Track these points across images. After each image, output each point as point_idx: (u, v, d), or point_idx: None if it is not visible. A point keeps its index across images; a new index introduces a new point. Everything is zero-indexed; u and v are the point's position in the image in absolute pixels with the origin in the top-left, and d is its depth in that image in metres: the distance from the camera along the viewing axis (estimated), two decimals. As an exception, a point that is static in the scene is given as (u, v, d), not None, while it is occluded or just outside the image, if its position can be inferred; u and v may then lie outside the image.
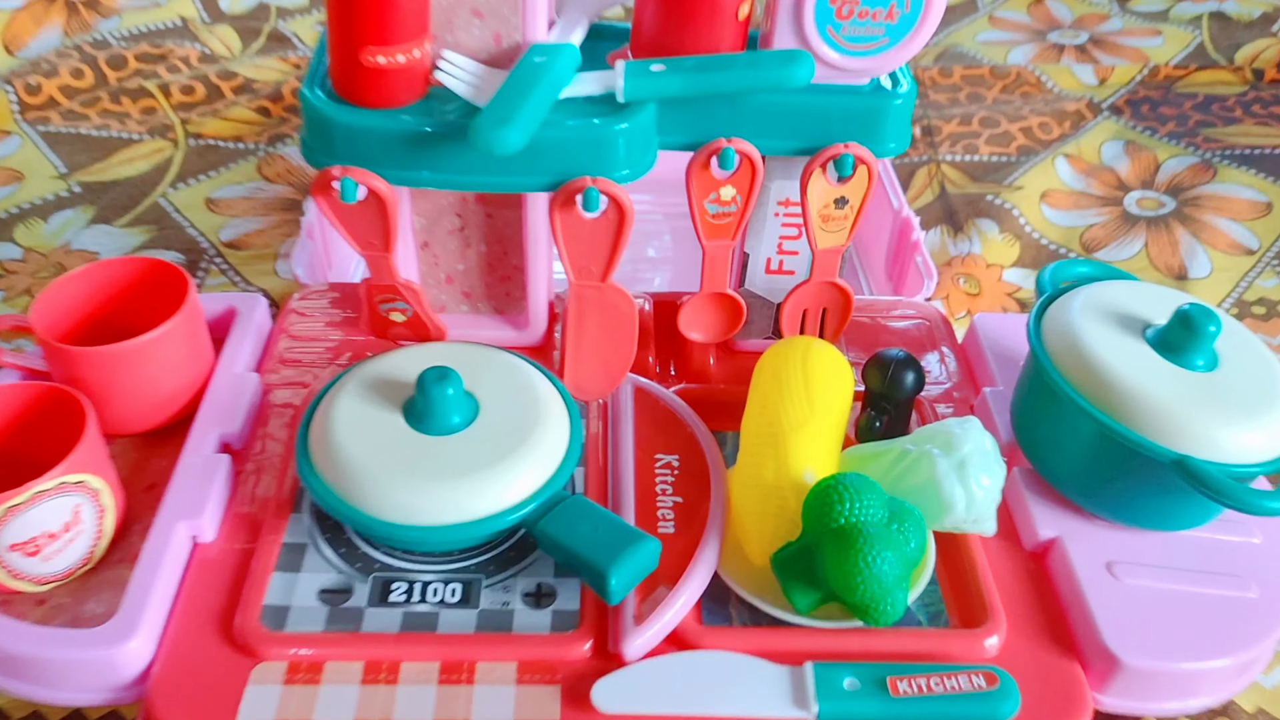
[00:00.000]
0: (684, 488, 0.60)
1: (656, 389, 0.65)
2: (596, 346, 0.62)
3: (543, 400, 0.59)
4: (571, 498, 0.56)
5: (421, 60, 0.54)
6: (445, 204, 0.65)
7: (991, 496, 0.56)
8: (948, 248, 0.96)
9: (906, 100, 0.59)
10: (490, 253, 0.68)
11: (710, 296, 0.65)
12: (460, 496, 0.54)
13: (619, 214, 0.56)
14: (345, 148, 0.55)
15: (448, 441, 0.56)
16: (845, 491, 0.53)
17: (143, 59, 1.16)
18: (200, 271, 0.91)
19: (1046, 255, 0.96)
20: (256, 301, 0.70)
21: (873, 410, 0.63)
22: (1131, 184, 1.04)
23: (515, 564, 0.57)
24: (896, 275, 0.88)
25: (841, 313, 0.66)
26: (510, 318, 0.70)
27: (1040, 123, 1.12)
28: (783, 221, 0.65)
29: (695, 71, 0.55)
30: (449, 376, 0.57)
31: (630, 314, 0.61)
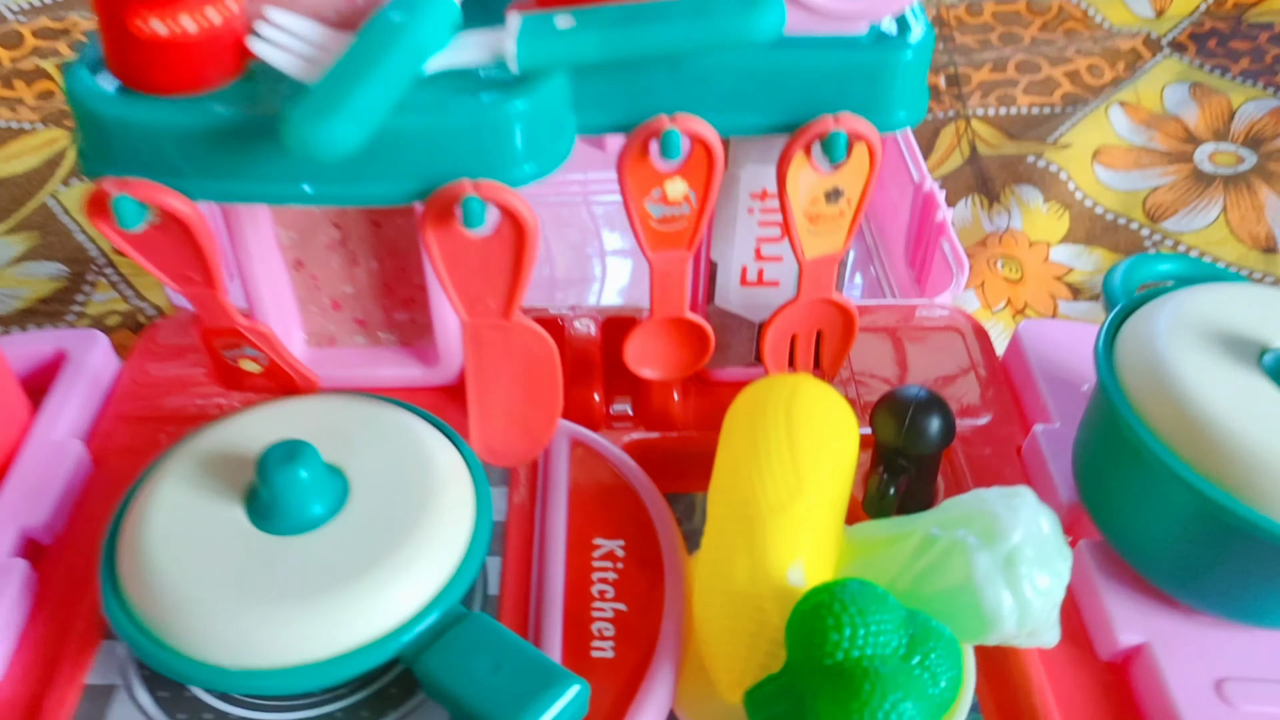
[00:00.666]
0: (630, 589, 0.44)
1: (599, 443, 0.50)
2: (510, 398, 0.46)
3: (437, 474, 0.44)
4: (469, 618, 0.41)
5: (228, 24, 0.39)
6: (318, 213, 0.50)
7: (1053, 601, 0.40)
8: (981, 223, 0.80)
9: (920, 52, 0.42)
10: (384, 270, 0.52)
11: (664, 323, 0.49)
12: (313, 623, 0.39)
13: (516, 229, 0.40)
14: (127, 151, 0.39)
15: (302, 543, 0.41)
16: (845, 613, 0.37)
17: (41, 35, 1.01)
18: (86, 285, 0.76)
19: (1102, 227, 0.79)
20: (93, 340, 0.55)
21: (886, 470, 0.47)
22: (1202, 135, 0.87)
23: (397, 706, 0.41)
24: (919, 264, 0.72)
25: (841, 337, 0.50)
26: (418, 351, 0.55)
27: (1089, 65, 0.94)
28: (759, 219, 0.48)
29: (618, 26, 0.39)
30: (299, 454, 0.42)
31: (548, 359, 0.45)
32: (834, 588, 0.38)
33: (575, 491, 0.48)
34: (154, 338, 0.57)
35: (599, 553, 0.45)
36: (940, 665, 0.38)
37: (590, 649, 0.42)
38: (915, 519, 0.44)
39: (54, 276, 0.77)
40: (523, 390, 0.46)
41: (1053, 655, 0.44)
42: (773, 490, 0.42)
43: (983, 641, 0.41)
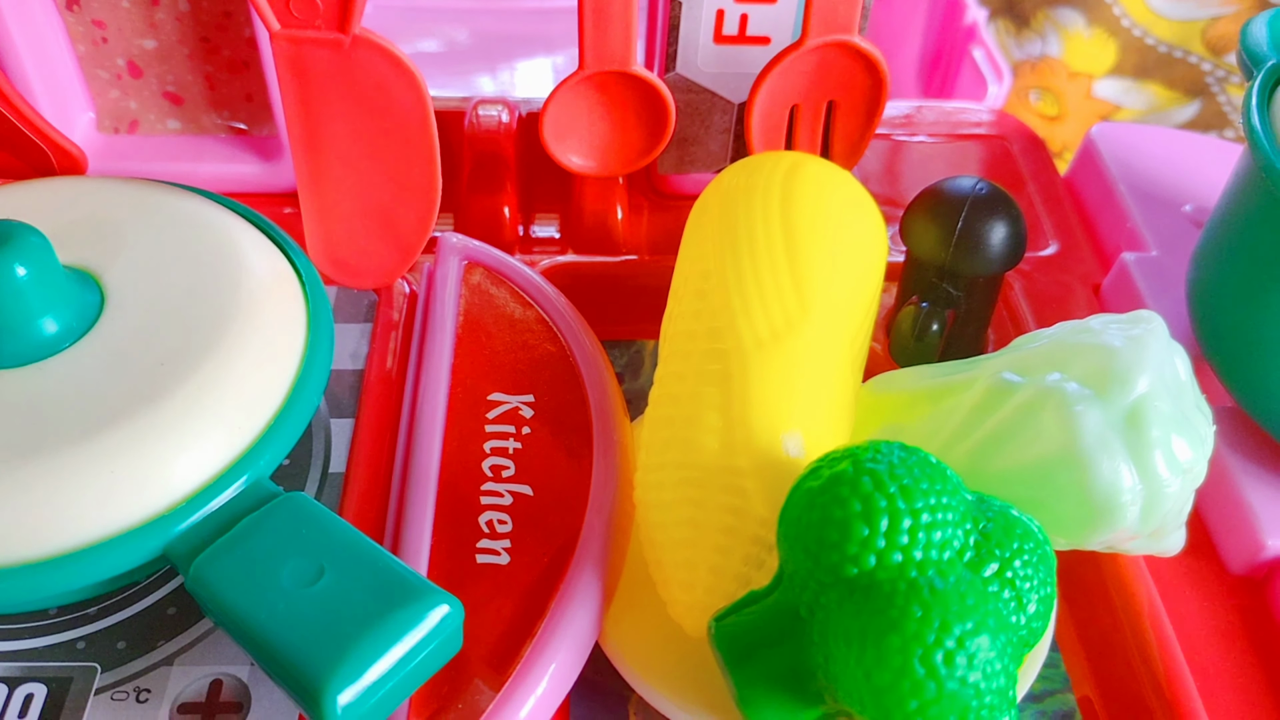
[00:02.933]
0: (539, 465, 0.29)
1: (510, 266, 0.34)
2: (358, 180, 0.31)
3: (245, 287, 0.28)
4: (280, 501, 0.25)
5: None
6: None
7: (1193, 481, 0.26)
8: (1009, 50, 0.64)
9: None
10: (198, 11, 0.36)
11: (601, 80, 0.33)
12: (34, 496, 0.24)
13: None
14: None
15: (18, 379, 0.26)
16: (880, 492, 0.22)
17: None
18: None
19: (1155, 60, 0.64)
20: None
21: (925, 301, 0.32)
22: (1271, -43, 0.72)
23: (169, 638, 0.26)
24: (938, 80, 0.57)
25: (864, 110, 0.34)
26: (257, 140, 0.39)
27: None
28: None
29: None
30: (17, 241, 0.26)
31: (417, 104, 0.29)
32: (861, 454, 0.23)
33: (467, 328, 0.32)
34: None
35: (495, 412, 0.30)
36: (1028, 579, 0.24)
37: (474, 551, 0.27)
38: (975, 363, 0.29)
39: None
40: (377, 164, 0.30)
41: (1162, 569, 0.30)
42: (761, 315, 0.27)
43: (1083, 543, 0.26)
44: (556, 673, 0.25)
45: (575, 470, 0.29)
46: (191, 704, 0.25)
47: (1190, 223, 0.37)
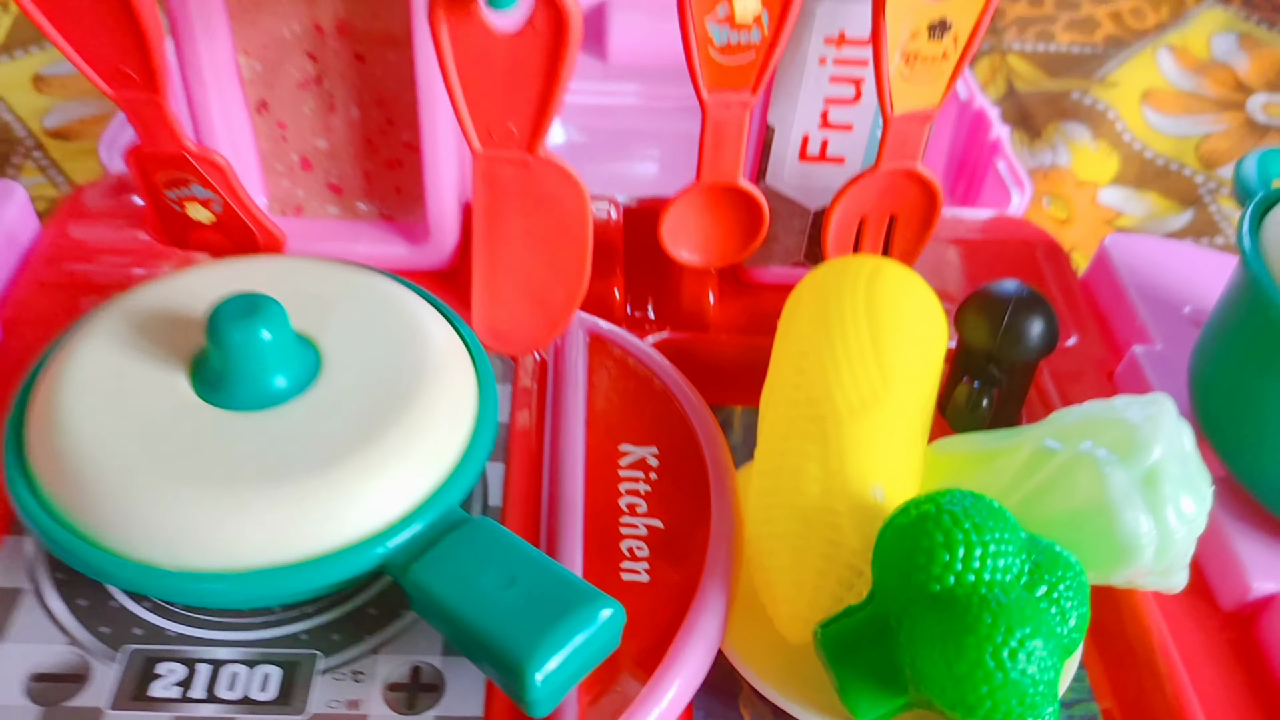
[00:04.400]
0: (666, 503, 0.36)
1: (625, 339, 0.41)
2: (524, 265, 0.38)
3: (432, 354, 0.35)
4: (471, 523, 0.32)
5: None
6: (289, 35, 0.41)
7: (1195, 532, 0.33)
8: (1024, 158, 0.72)
9: None
10: (366, 121, 0.43)
11: (712, 192, 0.40)
12: (277, 516, 0.31)
13: (555, 20, 0.32)
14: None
15: (260, 421, 0.33)
16: (958, 528, 0.29)
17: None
18: (10, 169, 0.67)
19: (1154, 172, 0.72)
20: (9, 193, 0.45)
21: (976, 380, 0.39)
22: (1253, 85, 0.80)
23: (377, 630, 0.33)
24: (964, 189, 0.64)
25: (921, 223, 0.42)
26: (403, 226, 0.46)
27: (1132, 8, 0.87)
28: (831, 72, 0.40)
29: None
30: (262, 310, 0.33)
31: (580, 209, 0.36)
32: (941, 498, 0.30)
33: (595, 390, 0.39)
34: (80, 200, 0.47)
35: (627, 460, 0.37)
36: (1068, 599, 0.30)
37: (619, 571, 0.34)
38: (1020, 431, 0.36)
39: (-26, 157, 0.67)
40: (542, 254, 0.37)
41: (1168, 604, 0.36)
42: (852, 387, 0.34)
43: (1108, 578, 0.33)
44: (691, 669, 0.32)
45: (697, 508, 0.35)
46: (398, 684, 0.31)
47: (1189, 322, 0.45)
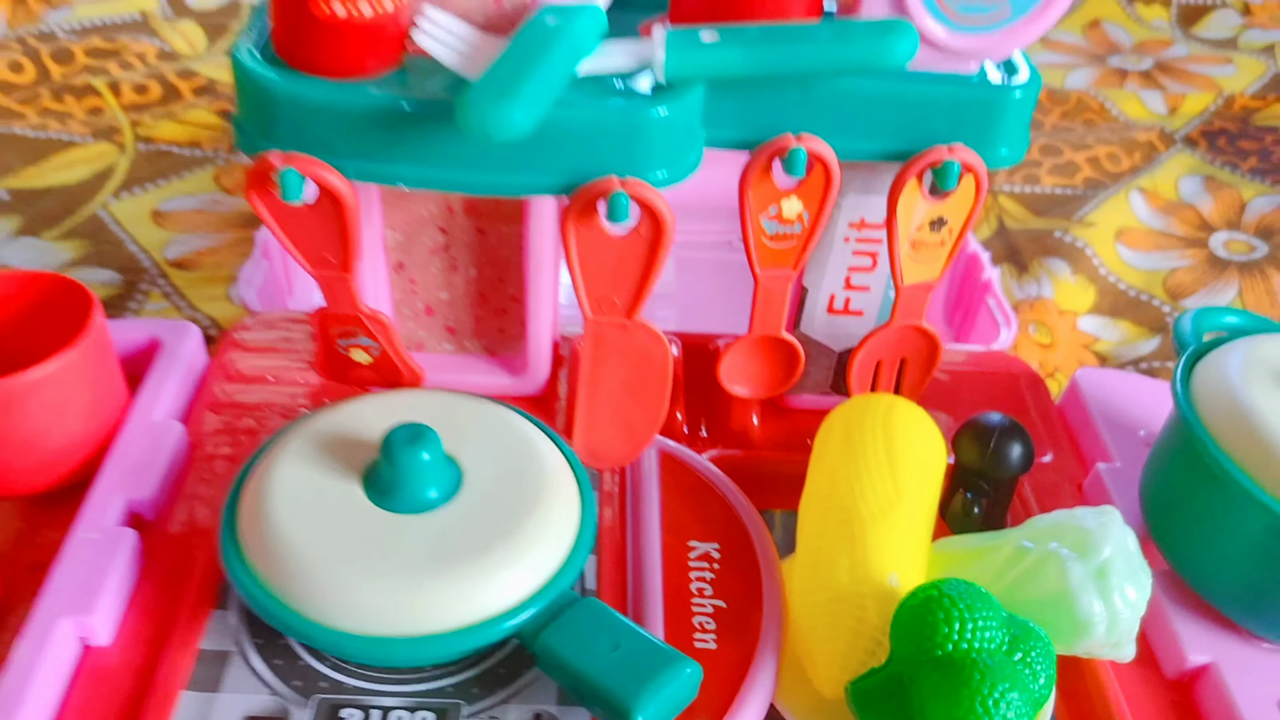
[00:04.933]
0: (727, 587, 0.46)
1: (688, 455, 0.51)
2: (617, 401, 0.48)
3: (547, 469, 0.45)
4: (582, 601, 0.42)
5: (395, 16, 0.41)
6: (426, 215, 0.52)
7: (1138, 612, 0.42)
8: (1012, 290, 0.83)
9: (1028, 93, 0.45)
10: (481, 279, 0.54)
11: (760, 341, 0.51)
12: (437, 596, 0.41)
13: (655, 227, 0.43)
14: (290, 129, 0.41)
15: (421, 522, 0.43)
16: (955, 608, 0.39)
17: (93, 54, 1.03)
18: (139, 295, 0.77)
19: (1126, 302, 0.83)
20: (186, 331, 0.56)
21: (969, 492, 0.49)
22: (1216, 224, 0.91)
23: (506, 684, 0.42)
24: (960, 321, 0.75)
25: (925, 365, 0.52)
26: (504, 360, 0.56)
27: (1108, 153, 0.99)
28: (854, 248, 0.51)
29: (760, 44, 0.42)
30: (424, 437, 0.43)
31: (663, 361, 0.47)
32: (942, 585, 0.40)
33: (666, 496, 0.49)
34: (239, 335, 0.58)
35: (695, 554, 0.47)
36: (1039, 663, 0.40)
37: (693, 640, 0.43)
38: (1003, 534, 0.46)
39: (106, 283, 0.78)
40: (631, 392, 0.48)
41: (1122, 671, 0.46)
42: (873, 498, 0.44)
43: (1070, 649, 0.43)
44: (750, 717, 0.41)
45: (752, 591, 0.45)
46: (526, 727, 0.41)
47: (1143, 444, 0.55)
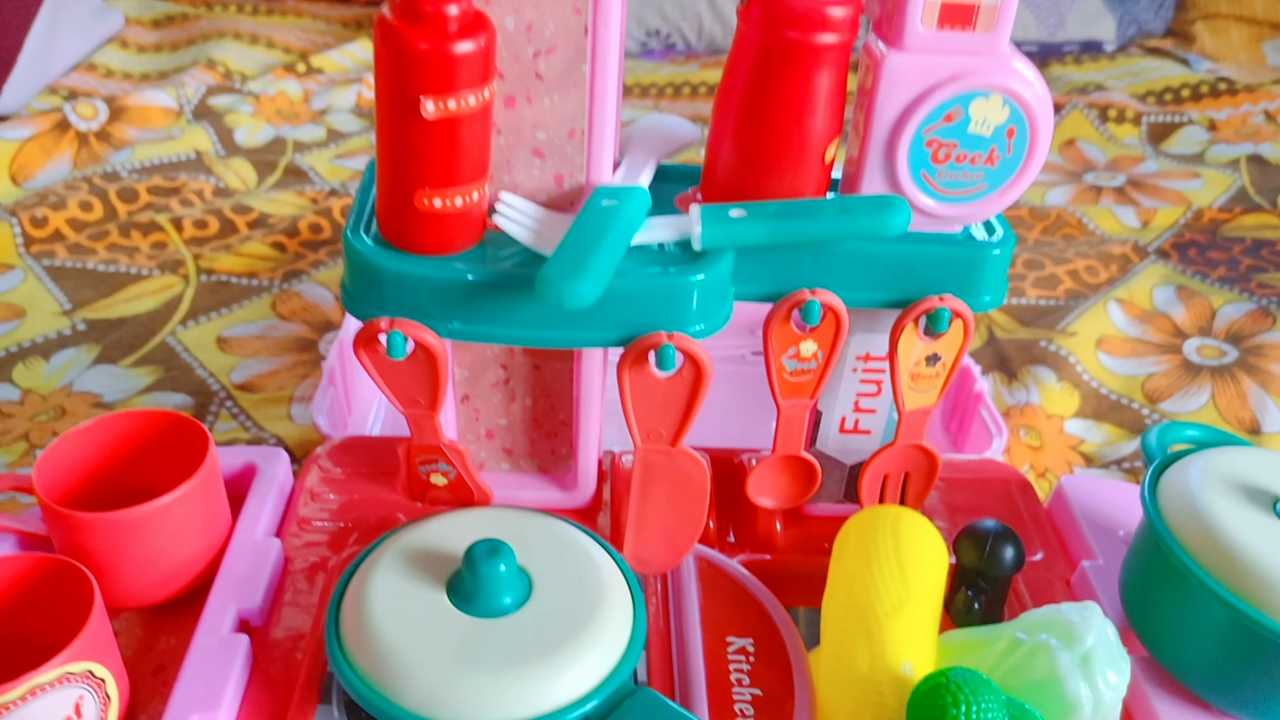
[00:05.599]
0: (763, 677, 0.53)
1: (722, 560, 0.59)
2: (661, 515, 0.56)
3: (603, 576, 0.52)
4: (640, 691, 0.49)
5: (479, 203, 0.50)
6: (490, 355, 0.60)
7: (1119, 695, 0.49)
8: (1003, 397, 0.91)
9: (1005, 250, 0.54)
10: (536, 407, 0.62)
11: (783, 459, 0.59)
12: (518, 690, 0.47)
13: (696, 372, 0.51)
14: (394, 298, 0.49)
15: (499, 625, 0.50)
16: (961, 692, 0.46)
17: (155, 192, 1.12)
18: (210, 415, 0.85)
19: (1108, 406, 0.91)
20: (277, 457, 0.64)
21: (969, 590, 0.56)
22: (1189, 330, 1.00)
23: (572, 768, 0.49)
24: (956, 429, 0.83)
25: (926, 477, 0.60)
26: (555, 477, 0.64)
27: (1086, 266, 1.08)
28: (861, 377, 0.59)
29: (780, 218, 0.50)
30: (501, 551, 0.50)
31: (702, 481, 0.55)
32: (950, 672, 0.47)
33: (705, 597, 0.56)
34: (322, 461, 0.65)
35: (732, 648, 0.54)
36: (1035, 740, 0.47)
37: (736, 725, 0.50)
38: (999, 627, 0.53)
39: (179, 407, 0.86)
40: (674, 508, 0.55)
41: (1111, 749, 0.52)
42: (886, 597, 0.51)
43: (1061, 728, 0.49)
44: (787, 790, 0.48)
45: (784, 680, 0.52)
46: (594, 802, 0.48)
47: (1122, 543, 0.62)
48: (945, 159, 0.52)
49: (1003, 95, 0.50)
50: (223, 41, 1.43)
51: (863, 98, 0.52)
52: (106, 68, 1.38)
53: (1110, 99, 1.41)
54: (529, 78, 0.50)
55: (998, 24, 0.49)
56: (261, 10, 1.57)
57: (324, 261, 1.05)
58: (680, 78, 1.49)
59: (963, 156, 0.51)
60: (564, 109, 0.50)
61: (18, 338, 0.92)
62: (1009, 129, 0.51)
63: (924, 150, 0.51)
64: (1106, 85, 1.48)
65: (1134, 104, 1.41)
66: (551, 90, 0.50)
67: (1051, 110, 0.51)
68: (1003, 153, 0.52)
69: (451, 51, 0.44)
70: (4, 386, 0.86)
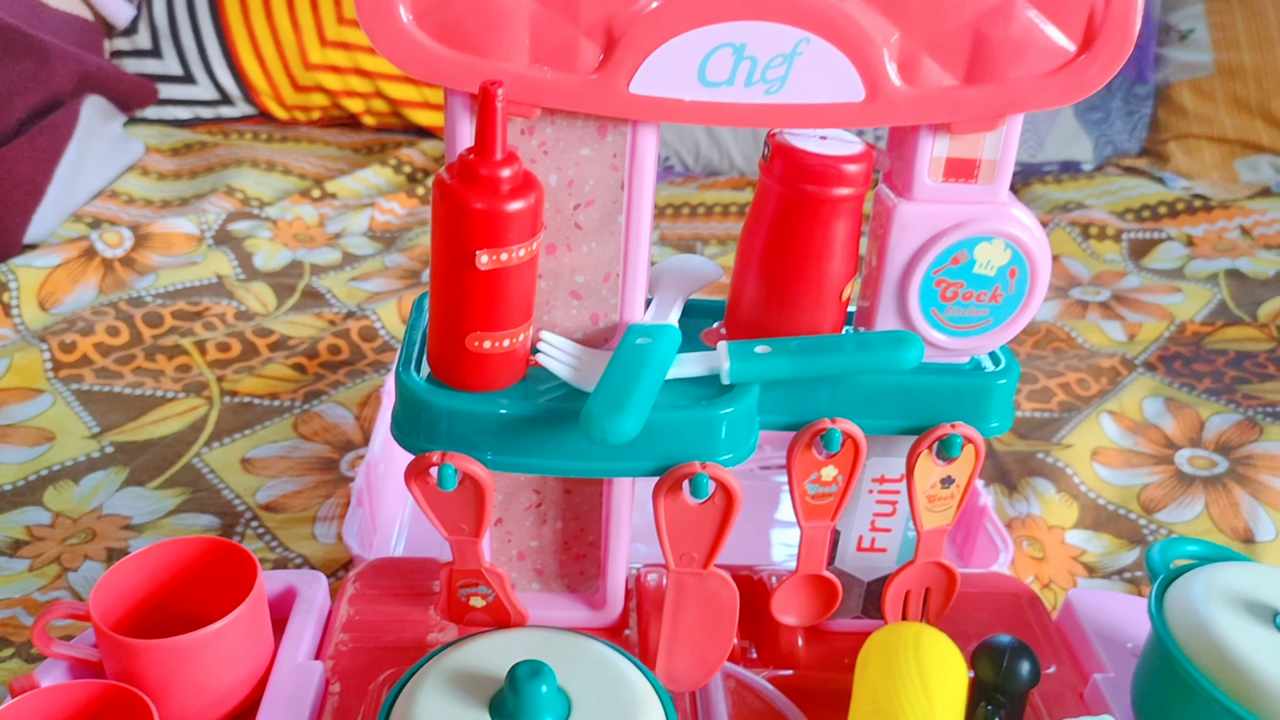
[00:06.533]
0: (795, 791, 0.55)
1: (749, 677, 0.61)
2: (692, 635, 0.58)
3: (638, 695, 0.55)
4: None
5: (524, 344, 0.53)
6: (524, 480, 0.63)
7: (1136, 806, 0.52)
8: (1004, 508, 0.94)
9: (1010, 380, 0.58)
10: (566, 529, 0.65)
11: (806, 578, 0.61)
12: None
13: (727, 499, 0.54)
14: (445, 433, 0.53)
15: (539, 747, 0.52)
16: (986, 806, 0.48)
17: (179, 316, 1.16)
18: (236, 535, 0.87)
19: (1106, 516, 0.94)
20: (316, 581, 0.66)
21: (989, 704, 0.58)
22: (1180, 442, 1.03)
23: None
24: (962, 542, 0.86)
25: (946, 594, 0.63)
26: (584, 596, 0.66)
27: (1078, 379, 1.13)
28: (877, 498, 0.62)
29: (802, 353, 0.54)
30: (542, 673, 0.53)
31: (731, 603, 0.58)
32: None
33: (734, 714, 0.59)
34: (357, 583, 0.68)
35: (763, 763, 0.56)
36: None
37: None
38: (1019, 740, 0.55)
39: (207, 528, 0.88)
40: (705, 627, 0.58)
41: None
42: (911, 712, 0.54)
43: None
44: None
45: (815, 797, 0.54)
46: None
47: (1131, 655, 0.65)
48: (953, 297, 0.56)
49: (1004, 239, 0.54)
50: (240, 169, 1.48)
51: (875, 241, 0.56)
52: (129, 195, 1.43)
53: (1091, 216, 1.48)
54: (569, 227, 0.54)
55: (998, 176, 0.54)
56: (276, 138, 1.63)
57: (343, 382, 1.08)
58: (679, 199, 1.55)
59: (969, 295, 0.56)
60: (601, 255, 0.54)
61: (48, 461, 0.94)
62: (1011, 269, 0.55)
63: (933, 289, 0.55)
64: (1087, 203, 1.54)
65: (1114, 221, 1.47)
66: (590, 238, 0.54)
67: (1049, 251, 0.56)
68: (1005, 291, 0.56)
69: (504, 210, 0.48)
70: (35, 510, 0.89)
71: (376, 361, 1.12)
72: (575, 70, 0.50)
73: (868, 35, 0.50)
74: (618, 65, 0.49)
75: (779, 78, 0.50)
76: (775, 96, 0.51)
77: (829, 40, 0.50)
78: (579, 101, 0.50)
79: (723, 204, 1.55)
